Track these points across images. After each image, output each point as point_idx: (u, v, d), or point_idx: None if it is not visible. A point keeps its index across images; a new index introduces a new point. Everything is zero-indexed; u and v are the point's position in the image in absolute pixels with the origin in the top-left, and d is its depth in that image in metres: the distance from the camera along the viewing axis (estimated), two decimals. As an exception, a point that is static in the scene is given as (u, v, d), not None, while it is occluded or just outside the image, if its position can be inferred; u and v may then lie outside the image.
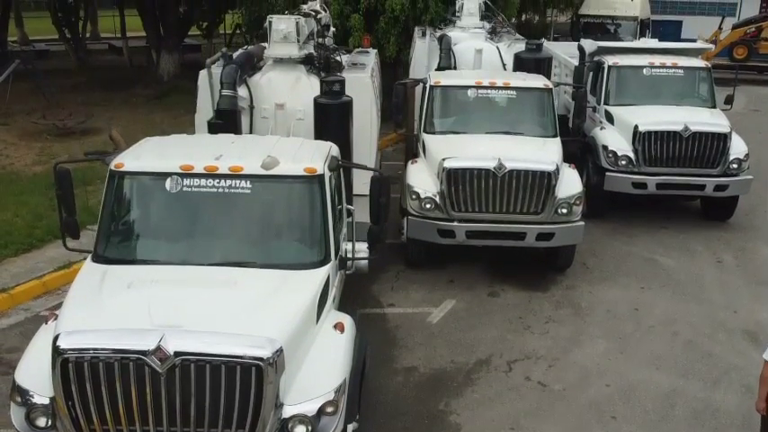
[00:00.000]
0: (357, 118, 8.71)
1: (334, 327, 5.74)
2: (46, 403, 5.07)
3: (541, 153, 9.71)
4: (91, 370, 4.85)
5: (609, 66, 12.90)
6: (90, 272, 5.80)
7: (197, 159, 6.09)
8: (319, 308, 5.73)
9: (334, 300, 6.30)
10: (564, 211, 9.42)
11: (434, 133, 10.43)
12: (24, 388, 5.15)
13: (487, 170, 9.17)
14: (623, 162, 11.68)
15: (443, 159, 9.36)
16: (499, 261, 10.23)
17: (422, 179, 9.67)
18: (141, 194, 6.27)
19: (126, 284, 5.50)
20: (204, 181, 5.98)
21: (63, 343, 4.89)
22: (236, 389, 4.87)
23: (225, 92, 8.44)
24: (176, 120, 17.42)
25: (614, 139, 11.95)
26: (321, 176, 6.19)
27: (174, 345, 4.80)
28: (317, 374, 5.26)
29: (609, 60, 12.99)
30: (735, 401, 7.27)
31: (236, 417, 4.92)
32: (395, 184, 11.35)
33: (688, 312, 9.18)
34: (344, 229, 6.95)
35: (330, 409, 5.12)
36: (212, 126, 8.29)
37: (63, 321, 5.16)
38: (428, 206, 9.44)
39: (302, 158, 6.36)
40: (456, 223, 9.40)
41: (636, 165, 11.65)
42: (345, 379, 5.34)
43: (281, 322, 5.20)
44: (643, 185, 11.66)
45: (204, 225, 6.13)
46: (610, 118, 12.52)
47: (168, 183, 5.96)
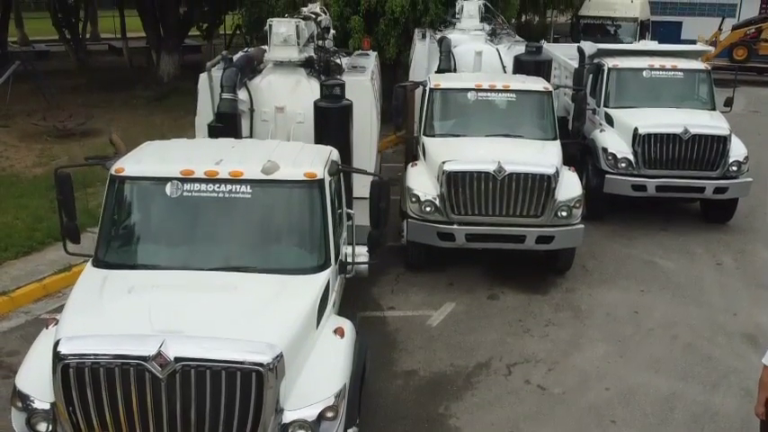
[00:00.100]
0: (357, 121, 8.72)
1: (334, 331, 5.75)
2: (47, 408, 5.08)
3: (541, 156, 9.73)
4: (92, 375, 4.86)
5: (609, 68, 12.91)
6: (90, 277, 5.81)
7: (197, 164, 6.10)
8: (319, 313, 5.74)
9: (334, 304, 6.32)
10: (564, 214, 9.44)
11: (434, 136, 10.45)
12: (25, 393, 5.16)
13: (487, 173, 9.18)
14: (623, 164, 11.70)
15: (443, 162, 9.37)
16: (499, 264, 10.24)
17: (422, 182, 9.69)
18: (142, 199, 6.28)
19: (126, 289, 5.52)
20: (204, 186, 5.99)
21: (64, 348, 4.90)
22: (236, 394, 4.88)
23: (225, 95, 8.47)
24: (176, 122, 17.45)
25: (614, 142, 11.96)
26: (321, 181, 6.20)
27: (175, 350, 4.81)
28: (317, 380, 5.27)
29: (608, 63, 13.00)
30: (734, 405, 7.27)
31: (236, 422, 4.93)
32: (395, 186, 11.41)
33: (687, 315, 9.19)
34: (344, 233, 6.96)
35: (330, 415, 5.14)
36: (213, 129, 8.32)
37: (64, 326, 5.18)
38: (428, 209, 9.46)
39: (302, 163, 6.37)
40: (456, 226, 9.41)
41: (635, 167, 11.66)
42: (345, 384, 5.35)
43: (282, 328, 5.21)
44: (643, 188, 11.67)
45: (204, 230, 6.14)
46: (609, 120, 12.53)
47: (168, 187, 5.96)
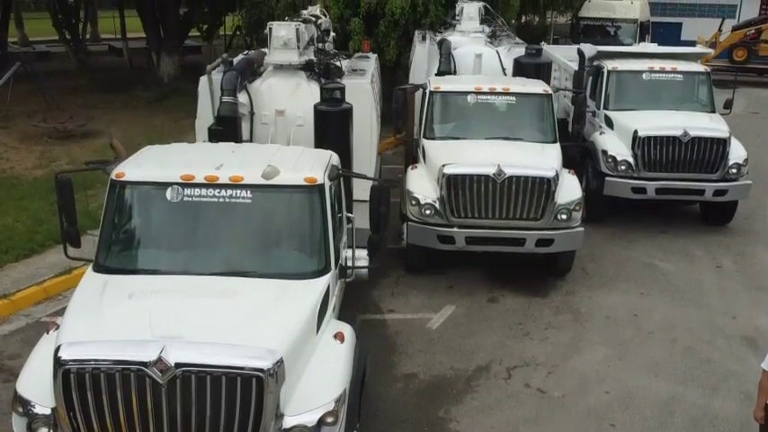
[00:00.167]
0: (357, 124, 8.74)
1: (334, 336, 5.76)
2: (47, 414, 5.10)
3: (541, 159, 9.74)
4: (92, 381, 4.87)
5: (608, 70, 12.92)
6: (91, 282, 5.83)
7: (198, 169, 6.12)
8: (319, 317, 5.75)
9: (334, 309, 6.33)
10: (563, 217, 9.45)
11: (434, 139, 10.46)
12: (26, 398, 5.18)
13: (487, 176, 9.20)
14: (623, 167, 11.71)
15: (443, 165, 9.39)
16: (499, 266, 10.25)
17: (422, 185, 9.70)
18: (142, 204, 6.30)
19: (127, 295, 5.53)
20: (205, 191, 6.00)
21: (64, 354, 4.92)
22: (236, 400, 4.90)
23: (225, 98, 8.47)
24: (176, 123, 17.44)
25: (614, 144, 11.98)
26: (321, 186, 6.22)
27: (175, 356, 4.83)
28: (318, 385, 5.28)
29: (608, 65, 13.01)
30: (733, 409, 7.29)
31: (236, 427, 4.94)
32: (395, 189, 11.43)
33: (687, 318, 9.21)
34: (344, 237, 6.97)
35: (330, 420, 5.15)
36: (213, 132, 8.33)
37: (64, 332, 5.19)
38: (428, 212, 9.47)
39: (302, 168, 6.38)
40: (456, 229, 9.43)
41: (635, 170, 11.68)
42: (345, 389, 5.37)
43: (282, 333, 5.23)
44: (642, 190, 11.69)
45: (205, 235, 6.15)
46: (609, 123, 12.54)
47: (169, 192, 5.98)
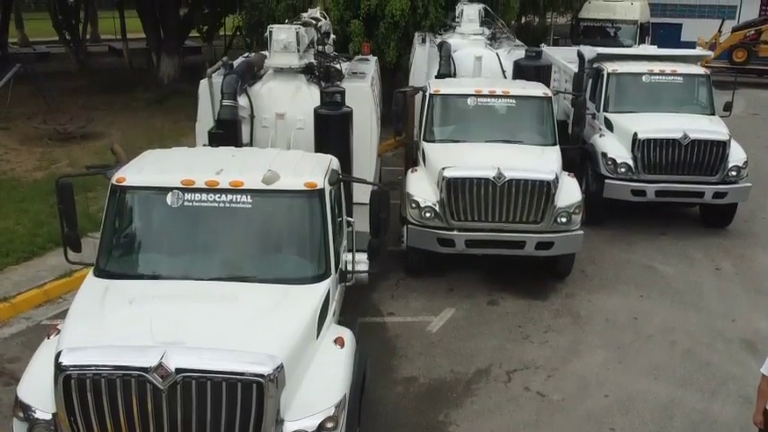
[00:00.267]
0: (357, 127, 8.74)
1: (334, 341, 5.78)
2: (48, 419, 5.11)
3: (541, 162, 9.76)
4: (93, 386, 4.88)
5: (608, 73, 12.94)
6: (92, 287, 5.84)
7: (198, 174, 6.13)
8: (320, 322, 5.76)
9: (334, 313, 6.34)
10: (563, 220, 9.47)
11: (434, 141, 10.48)
12: (27, 403, 5.19)
13: (487, 179, 9.21)
14: (622, 169, 11.73)
15: (443, 168, 9.40)
16: (498, 269, 10.26)
17: (421, 188, 9.72)
18: (143, 209, 6.31)
19: (128, 300, 5.54)
20: (205, 196, 6.01)
21: (65, 360, 4.93)
22: (237, 405, 4.91)
23: (225, 102, 8.47)
24: (176, 124, 17.44)
25: (613, 147, 11.99)
26: (321, 191, 6.23)
27: (176, 361, 4.84)
28: (318, 390, 5.29)
29: (608, 67, 13.03)
30: (733, 413, 7.30)
31: (237, 433, 4.96)
32: (395, 190, 11.43)
33: (687, 321, 9.22)
34: (344, 242, 6.98)
35: (330, 425, 5.15)
36: (213, 136, 8.34)
37: (65, 337, 5.20)
38: (428, 215, 9.48)
39: (302, 173, 6.39)
40: (456, 232, 9.45)
41: (635, 172, 11.69)
42: (345, 394, 5.38)
43: (282, 338, 5.24)
44: (642, 193, 11.71)
45: (205, 240, 6.17)
46: (609, 125, 12.55)
47: (169, 197, 5.99)
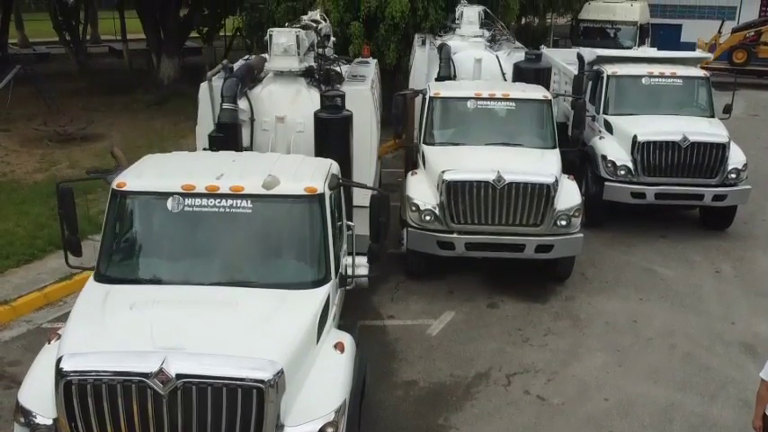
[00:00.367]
0: (357, 130, 8.74)
1: (334, 346, 5.79)
2: (49, 424, 5.13)
3: (540, 165, 9.77)
4: (94, 392, 4.90)
5: (608, 75, 12.95)
6: (92, 292, 5.85)
7: (198, 179, 6.14)
8: (320, 327, 5.78)
9: (334, 318, 6.35)
10: (563, 223, 9.48)
11: (434, 144, 10.49)
12: (27, 408, 5.21)
13: (487, 182, 9.23)
14: (622, 172, 11.74)
15: (443, 172, 9.42)
16: (498, 272, 10.26)
17: (421, 191, 9.73)
18: (143, 214, 6.32)
19: (128, 305, 5.56)
20: (205, 201, 6.02)
21: (66, 365, 4.95)
22: (237, 411, 4.93)
23: (226, 105, 8.47)
24: (176, 126, 17.49)
25: (613, 149, 12.01)
26: (321, 196, 6.24)
27: (176, 367, 4.85)
28: (318, 395, 5.31)
29: (608, 69, 13.04)
30: (732, 416, 7.32)
31: (237, 438, 4.97)
32: (394, 193, 11.43)
33: (686, 324, 9.23)
34: (344, 246, 7.00)
35: (330, 430, 5.16)
36: (213, 139, 8.35)
37: (66, 342, 5.22)
38: (428, 218, 9.50)
39: (303, 177, 6.40)
40: (455, 235, 9.46)
41: (635, 174, 11.71)
42: (345, 399, 5.39)
43: (282, 344, 5.25)
44: (642, 195, 11.72)
45: (205, 244, 6.18)
46: (609, 127, 12.57)
47: (170, 202, 6.00)
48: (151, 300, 5.59)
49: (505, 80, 12.94)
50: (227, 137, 8.28)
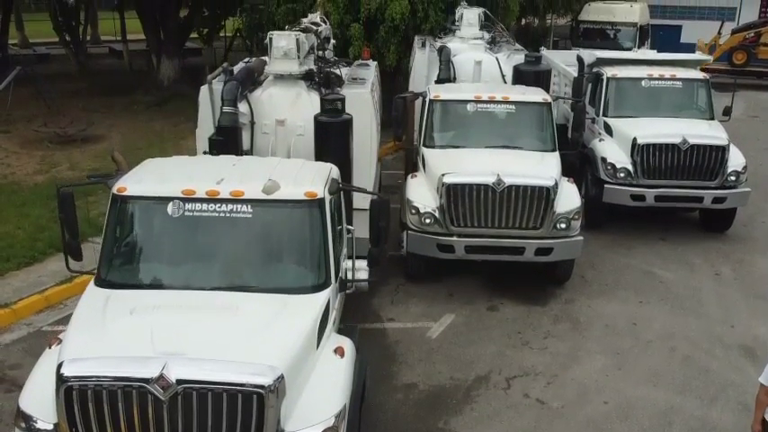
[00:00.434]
0: (357, 134, 8.76)
1: (334, 351, 5.80)
2: (49, 429, 5.13)
3: (540, 168, 9.78)
4: (94, 397, 4.91)
5: (608, 77, 12.95)
6: (93, 296, 5.86)
7: (198, 183, 6.14)
8: (320, 332, 5.79)
9: (334, 322, 6.35)
10: (563, 226, 9.49)
11: (434, 147, 10.50)
12: (28, 414, 5.22)
13: (486, 185, 9.24)
14: (622, 174, 11.75)
15: (443, 175, 9.43)
16: (498, 274, 10.28)
17: (421, 194, 9.74)
18: (143, 219, 6.32)
19: (129, 310, 5.56)
20: (206, 205, 6.03)
21: (66, 371, 4.96)
22: (237, 416, 4.94)
23: (226, 109, 8.48)
24: (176, 127, 17.50)
25: (613, 152, 12.02)
26: (321, 200, 6.24)
27: (177, 372, 4.86)
28: (318, 400, 5.32)
29: (608, 72, 13.04)
30: (731, 420, 7.33)
31: (237, 443, 4.98)
32: (394, 194, 11.44)
33: (686, 327, 9.24)
34: (344, 249, 7.01)
35: (330, 435, 5.18)
36: (213, 143, 8.37)
37: (67, 348, 5.23)
38: (428, 221, 9.51)
39: (303, 182, 6.40)
40: (455, 238, 9.47)
41: (634, 177, 11.72)
42: (345, 404, 5.40)
43: (282, 349, 5.26)
44: (642, 198, 11.73)
45: (206, 249, 6.18)
46: (609, 130, 12.57)
47: (170, 207, 6.01)
48: (151, 305, 5.60)
49: (505, 82, 12.96)
50: (227, 140, 8.31)
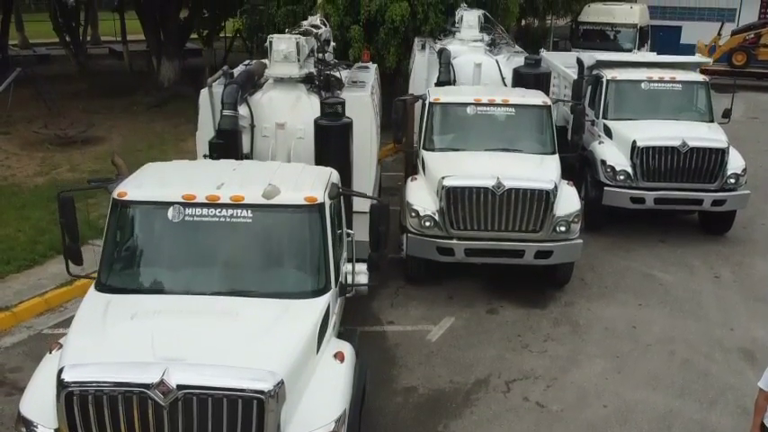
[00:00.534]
0: (357, 137, 8.76)
1: (334, 356, 5.81)
2: (50, 435, 5.15)
3: (540, 171, 9.80)
4: (95, 403, 4.92)
5: (607, 80, 12.96)
6: (94, 301, 5.87)
7: (199, 188, 6.16)
8: (320, 337, 5.79)
9: (334, 327, 6.36)
10: (562, 229, 9.51)
11: (434, 150, 10.51)
12: (29, 419, 5.22)
13: (486, 189, 9.26)
14: (621, 177, 11.77)
15: (443, 178, 9.45)
16: (498, 277, 10.29)
17: (421, 197, 9.75)
18: (144, 223, 6.33)
19: (129, 315, 5.58)
20: (206, 210, 6.04)
21: (67, 376, 4.97)
22: (237, 421, 4.95)
23: (226, 112, 8.49)
24: (177, 129, 17.52)
25: (613, 154, 12.03)
26: (321, 205, 6.25)
27: (177, 378, 4.88)
28: (318, 405, 5.33)
29: (607, 74, 13.06)
30: (730, 424, 7.34)
31: (237, 449, 4.99)
32: (394, 196, 11.45)
33: (685, 330, 9.26)
34: (344, 253, 7.02)
35: (330, 440, 5.20)
36: (214, 146, 8.39)
37: (67, 353, 5.24)
38: (427, 224, 9.52)
39: (303, 187, 6.41)
40: (455, 241, 9.49)
41: (634, 180, 11.73)
42: (345, 409, 5.41)
43: (283, 354, 5.27)
44: (641, 200, 11.75)
45: (206, 254, 6.19)
46: (608, 132, 12.59)
47: (170, 212, 6.02)
48: (152, 310, 5.61)
49: (505, 85, 12.99)
50: (227, 143, 8.32)
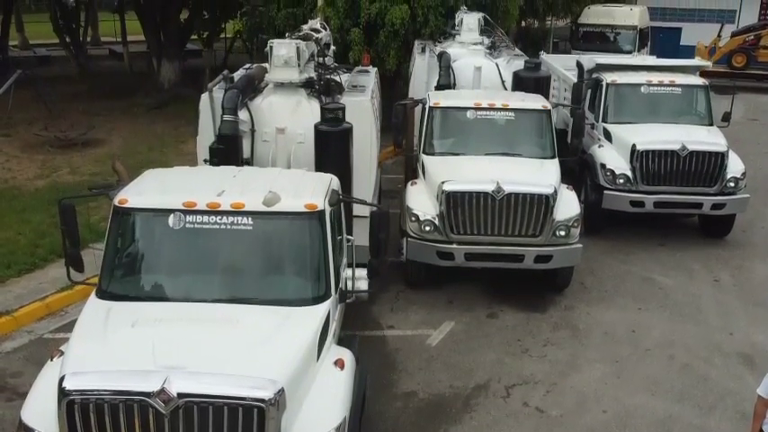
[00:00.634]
0: (357, 141, 8.79)
1: (334, 363, 5.82)
2: (52, 442, 5.16)
3: (540, 175, 9.82)
4: (96, 411, 4.94)
5: (607, 83, 12.99)
6: (95, 308, 5.89)
7: (199, 195, 6.17)
8: (320, 344, 5.81)
9: (334, 333, 6.38)
10: (562, 234, 9.52)
11: (433, 154, 10.52)
12: (30, 427, 5.23)
13: (486, 193, 9.27)
14: (621, 180, 11.79)
15: (442, 182, 9.46)
16: (498, 281, 10.30)
17: (421, 201, 9.77)
18: (144, 230, 6.35)
19: (130, 323, 5.60)
20: (206, 218, 6.06)
21: (68, 384, 4.99)
22: (238, 429, 4.96)
23: (226, 117, 8.51)
24: (177, 131, 17.53)
25: (612, 158, 12.05)
26: (321, 212, 6.27)
27: (178, 386, 4.89)
28: (318, 413, 5.34)
29: (607, 78, 13.08)
30: (729, 429, 7.36)
31: (237, 456, 5.01)
32: (394, 199, 11.46)
33: (685, 334, 9.27)
34: (344, 259, 7.04)
35: (330, 448, 5.21)
36: (214, 151, 8.41)
37: (68, 361, 5.25)
38: (427, 228, 9.53)
39: (303, 194, 6.43)
40: (455, 245, 9.50)
41: (634, 183, 11.75)
42: (345, 417, 5.43)
43: (283, 362, 5.29)
44: (641, 204, 11.76)
45: (206, 261, 6.21)
46: (608, 136, 12.61)
47: (171, 219, 6.04)
48: (153, 318, 5.63)
49: (505, 88, 13.00)
50: (227, 148, 8.35)
